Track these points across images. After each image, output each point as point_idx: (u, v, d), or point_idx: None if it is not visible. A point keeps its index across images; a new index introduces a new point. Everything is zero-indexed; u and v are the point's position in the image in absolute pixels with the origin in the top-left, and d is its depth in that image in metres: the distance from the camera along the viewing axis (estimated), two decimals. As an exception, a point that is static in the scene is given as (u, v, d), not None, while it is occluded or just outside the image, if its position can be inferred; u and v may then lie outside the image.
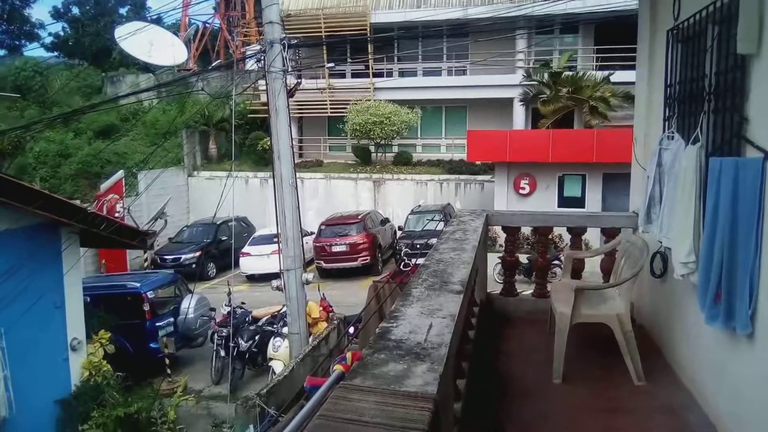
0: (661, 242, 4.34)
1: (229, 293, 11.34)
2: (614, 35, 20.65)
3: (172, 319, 11.84)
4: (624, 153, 13.69)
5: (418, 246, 11.48)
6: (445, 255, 3.71)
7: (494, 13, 19.58)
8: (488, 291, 5.78)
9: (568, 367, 4.17)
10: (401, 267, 5.26)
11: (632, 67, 18.72)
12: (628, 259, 4.58)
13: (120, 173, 19.71)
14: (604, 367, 4.36)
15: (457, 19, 22.85)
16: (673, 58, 4.35)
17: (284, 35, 9.22)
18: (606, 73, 20.41)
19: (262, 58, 9.00)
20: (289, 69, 9.40)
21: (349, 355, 2.38)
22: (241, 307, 11.84)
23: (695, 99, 3.90)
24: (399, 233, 19.24)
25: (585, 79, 20.21)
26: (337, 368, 2.36)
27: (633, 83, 18.49)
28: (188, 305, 11.83)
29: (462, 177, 22.46)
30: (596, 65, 22.64)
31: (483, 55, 22.97)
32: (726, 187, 3.13)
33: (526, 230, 7.74)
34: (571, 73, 20.79)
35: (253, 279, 18.12)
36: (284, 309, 9.32)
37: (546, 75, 20.88)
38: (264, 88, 11.96)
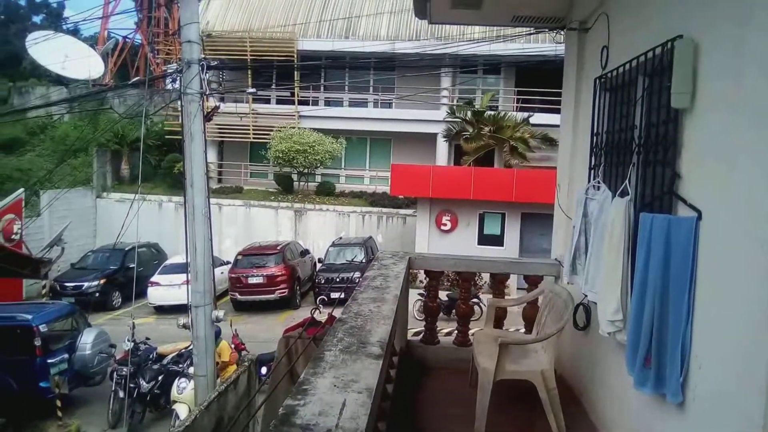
0: (585, 294, 4.21)
1: (132, 327, 10.49)
2: (534, 78, 21.47)
3: (66, 356, 10.81)
4: (541, 194, 14.06)
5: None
6: (364, 307, 3.39)
7: (421, 50, 19.82)
8: (408, 338, 5.50)
9: (489, 424, 3.93)
10: (314, 317, 4.93)
11: (551, 110, 19.38)
12: (552, 311, 4.43)
13: (19, 191, 18.24)
14: (525, 425, 4.16)
15: (385, 53, 23.04)
16: (601, 106, 4.30)
17: (203, 56, 8.77)
18: (526, 114, 21.04)
19: (179, 78, 8.50)
20: (208, 91, 8.94)
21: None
22: (146, 343, 11.00)
23: (623, 150, 3.82)
24: (319, 265, 18.79)
25: (506, 120, 20.73)
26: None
27: (551, 126, 19.06)
28: (86, 340, 10.87)
29: (384, 210, 22.39)
30: (517, 106, 23.37)
31: (409, 90, 23.22)
32: (657, 245, 3.00)
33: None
34: (492, 112, 21.29)
35: (161, 311, 17.06)
36: (192, 346, 8.66)
37: (469, 113, 21.29)
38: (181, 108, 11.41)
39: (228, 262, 18.54)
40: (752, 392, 2.26)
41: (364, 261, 16.83)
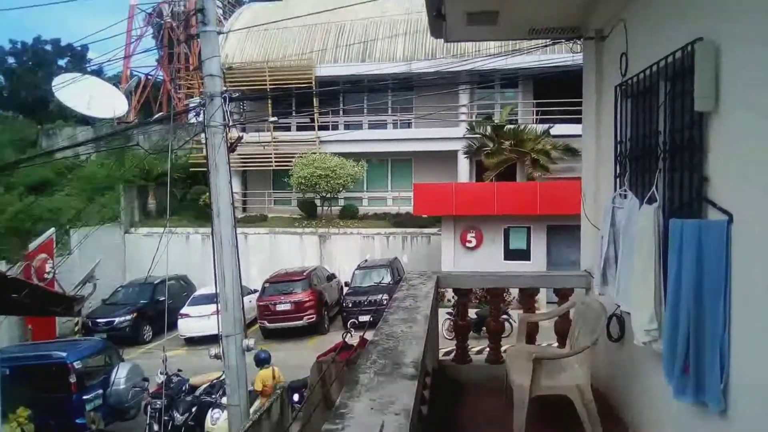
0: (618, 305, 4.14)
1: (164, 360, 10.58)
2: (552, 89, 21.40)
3: (101, 391, 10.95)
4: (566, 205, 13.87)
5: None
6: (395, 328, 3.38)
7: (437, 68, 19.92)
8: (440, 358, 5.46)
9: (528, 442, 3.86)
10: (346, 340, 4.91)
11: (571, 121, 19.21)
12: (585, 324, 4.37)
13: (51, 231, 18.67)
14: (565, 441, 4.07)
15: (402, 73, 23.20)
16: (623, 113, 4.27)
17: (225, 88, 8.93)
18: (546, 126, 20.95)
19: (202, 111, 8.67)
20: (230, 123, 9.08)
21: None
22: (178, 375, 11.07)
23: (649, 156, 3.79)
24: (345, 289, 18.78)
25: (526, 132, 20.66)
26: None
27: (572, 136, 18.86)
28: (119, 375, 10.99)
29: (409, 230, 22.36)
30: (536, 119, 23.29)
31: (427, 109, 23.31)
32: (689, 251, 2.95)
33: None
34: (512, 126, 21.25)
35: (192, 342, 17.17)
36: (224, 376, 8.70)
37: (489, 128, 21.27)
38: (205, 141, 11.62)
39: (255, 291, 18.64)
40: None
41: (390, 283, 16.79)
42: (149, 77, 35.96)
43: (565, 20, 5.37)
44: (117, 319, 17.93)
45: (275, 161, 25.11)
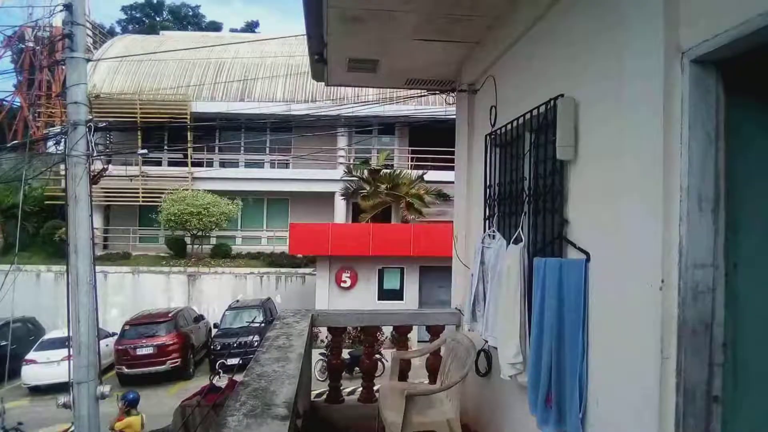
0: (486, 340, 4.30)
1: (2, 412, 9.42)
2: (427, 138, 22.36)
3: None
4: (438, 247, 14.36)
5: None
6: (267, 367, 3.26)
7: (316, 111, 20.14)
8: (312, 399, 5.34)
9: (400, 481, 3.84)
10: (214, 382, 4.63)
11: (443, 168, 20.12)
12: (455, 359, 4.48)
13: None
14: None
15: (281, 114, 23.19)
16: (492, 161, 4.52)
17: (91, 117, 8.39)
18: (420, 172, 21.76)
19: (64, 140, 8.08)
20: (95, 153, 8.52)
21: None
22: (17, 429, 9.90)
23: (515, 200, 4.03)
24: (214, 331, 17.99)
25: (401, 177, 21.31)
26: None
27: (444, 182, 19.74)
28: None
29: (283, 270, 22.03)
30: (411, 165, 24.14)
31: (306, 150, 23.40)
32: (551, 287, 3.14)
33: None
34: (388, 170, 21.84)
35: (38, 391, 15.46)
36: (73, 428, 7.91)
37: (366, 172, 21.70)
38: (65, 172, 10.80)
39: (114, 334, 17.28)
40: (647, 425, 2.36)
41: (262, 323, 16.33)
42: (4, 103, 33.17)
43: (441, 73, 5.66)
44: (-55, 367, 15.77)
45: (143, 196, 23.85)
